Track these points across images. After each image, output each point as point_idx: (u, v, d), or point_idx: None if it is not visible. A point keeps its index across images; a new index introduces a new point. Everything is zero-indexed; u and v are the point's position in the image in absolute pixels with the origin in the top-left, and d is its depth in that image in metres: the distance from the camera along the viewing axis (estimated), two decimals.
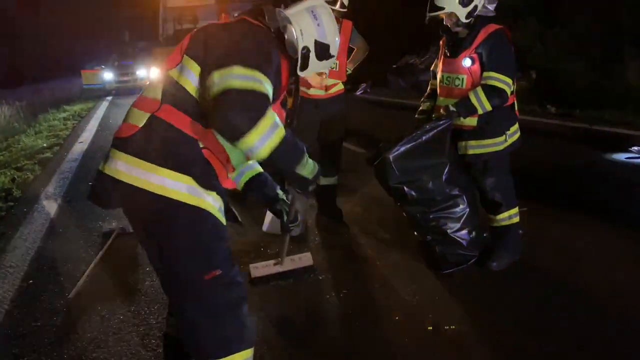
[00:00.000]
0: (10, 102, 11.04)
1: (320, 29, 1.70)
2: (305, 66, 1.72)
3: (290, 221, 1.99)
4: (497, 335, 2.33)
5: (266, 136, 1.45)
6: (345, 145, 4.01)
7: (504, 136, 2.81)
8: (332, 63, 1.84)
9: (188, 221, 1.54)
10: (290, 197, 2.01)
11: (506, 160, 2.90)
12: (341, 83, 3.74)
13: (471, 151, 2.85)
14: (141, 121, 1.53)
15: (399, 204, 2.91)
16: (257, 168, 1.94)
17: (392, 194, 2.88)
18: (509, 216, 2.92)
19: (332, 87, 3.68)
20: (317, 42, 1.70)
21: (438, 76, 2.97)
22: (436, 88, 3.02)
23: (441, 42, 2.99)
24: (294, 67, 1.72)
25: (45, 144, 7.97)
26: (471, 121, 2.80)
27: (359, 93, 13.64)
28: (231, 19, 1.74)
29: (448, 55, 2.88)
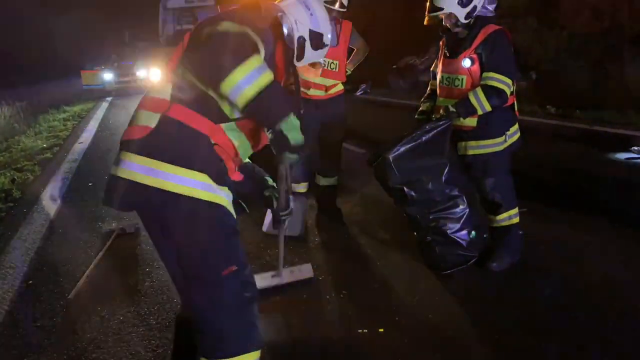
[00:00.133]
0: (10, 103, 11.05)
1: (313, 19, 1.74)
2: (301, 56, 1.75)
3: (281, 209, 1.97)
4: (497, 335, 2.33)
5: (252, 75, 1.42)
6: (345, 145, 4.01)
7: (504, 137, 2.81)
8: (326, 53, 1.86)
9: (206, 217, 1.56)
10: (279, 184, 1.97)
11: (506, 160, 2.90)
12: (341, 83, 3.74)
13: (471, 152, 2.85)
14: (153, 122, 1.53)
15: (399, 205, 2.91)
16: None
17: (392, 195, 2.88)
18: (509, 216, 2.92)
19: (332, 88, 3.68)
20: (312, 32, 1.74)
21: (438, 77, 2.97)
22: (436, 88, 3.02)
23: (441, 43, 2.99)
24: (291, 58, 1.74)
25: (45, 145, 7.97)
26: (471, 122, 2.80)
27: (359, 93, 13.63)
28: None
29: (448, 55, 2.88)
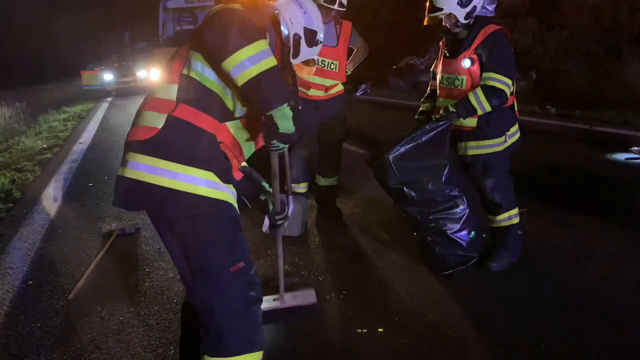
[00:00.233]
0: (10, 103, 11.06)
1: (307, 17, 1.80)
2: (297, 53, 1.81)
3: (276, 212, 2.02)
4: (497, 335, 2.33)
5: (257, 57, 1.46)
6: (345, 146, 4.01)
7: (504, 137, 2.81)
8: (319, 50, 1.92)
9: (213, 214, 1.59)
10: (274, 190, 2.03)
11: (506, 161, 2.90)
12: (341, 84, 3.74)
13: (471, 152, 2.85)
14: (159, 122, 1.55)
15: (399, 205, 2.91)
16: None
17: (392, 195, 2.88)
18: (509, 217, 2.92)
19: (332, 88, 3.68)
20: (306, 29, 1.80)
21: (438, 77, 2.97)
22: (436, 89, 3.02)
23: (441, 43, 2.99)
24: (287, 56, 1.78)
25: (45, 145, 7.98)
26: (471, 122, 2.80)
27: (359, 94, 13.63)
28: None
29: (447, 56, 2.88)
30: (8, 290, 3.04)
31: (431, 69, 3.13)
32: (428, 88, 3.16)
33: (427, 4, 2.76)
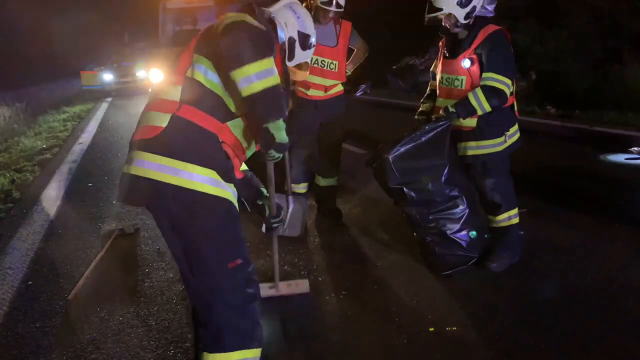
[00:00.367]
0: (9, 103, 11.04)
1: (300, 21, 1.93)
2: (292, 56, 1.93)
3: (272, 216, 2.10)
4: (497, 335, 2.33)
5: (263, 74, 1.54)
6: (344, 146, 4.01)
7: (504, 137, 2.81)
8: (312, 53, 2.06)
9: (214, 210, 1.66)
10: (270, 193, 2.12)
11: (506, 161, 2.90)
12: (341, 84, 3.74)
13: (470, 152, 2.85)
14: (164, 122, 1.61)
15: (399, 205, 2.91)
16: (243, 166, 2.05)
17: (392, 195, 2.88)
18: (509, 217, 2.92)
19: (332, 88, 3.68)
20: (300, 33, 1.93)
21: (437, 77, 2.97)
22: (435, 89, 3.02)
23: (440, 43, 2.98)
24: (283, 58, 1.87)
25: (44, 145, 7.97)
26: (470, 122, 2.80)
27: (359, 94, 13.54)
28: None
29: (447, 56, 2.88)
30: (7, 290, 3.04)
31: (431, 69, 3.13)
32: (428, 88, 3.16)
33: (427, 4, 2.76)
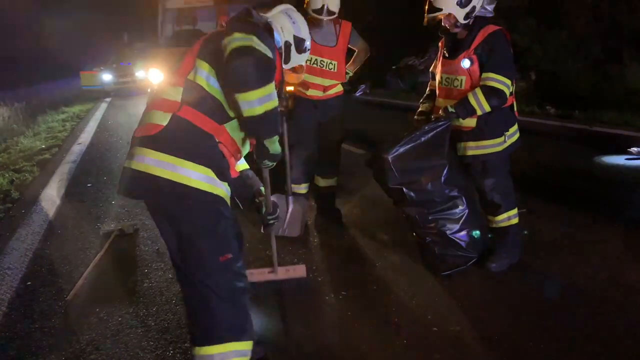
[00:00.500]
0: (8, 103, 11.03)
1: (295, 26, 2.03)
2: (288, 59, 2.04)
3: (268, 213, 2.18)
4: (497, 335, 2.33)
5: (265, 99, 1.65)
6: (344, 146, 4.01)
7: (503, 137, 2.80)
8: (308, 56, 2.17)
9: (208, 206, 1.74)
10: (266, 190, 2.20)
11: (505, 161, 2.90)
12: (340, 84, 3.74)
13: (470, 152, 2.85)
14: (164, 120, 1.70)
15: (398, 205, 2.91)
16: (245, 164, 2.13)
17: (391, 195, 2.88)
18: (508, 217, 2.91)
19: (331, 88, 3.67)
20: (296, 37, 2.03)
21: (437, 77, 2.97)
22: (435, 89, 3.01)
23: (440, 43, 2.98)
24: (280, 62, 1.95)
25: (43, 146, 7.96)
26: (470, 122, 2.79)
27: (358, 94, 13.64)
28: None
29: (447, 56, 2.87)
30: (6, 291, 3.03)
31: (430, 69, 3.12)
32: (427, 88, 3.16)
33: (427, 4, 2.76)
